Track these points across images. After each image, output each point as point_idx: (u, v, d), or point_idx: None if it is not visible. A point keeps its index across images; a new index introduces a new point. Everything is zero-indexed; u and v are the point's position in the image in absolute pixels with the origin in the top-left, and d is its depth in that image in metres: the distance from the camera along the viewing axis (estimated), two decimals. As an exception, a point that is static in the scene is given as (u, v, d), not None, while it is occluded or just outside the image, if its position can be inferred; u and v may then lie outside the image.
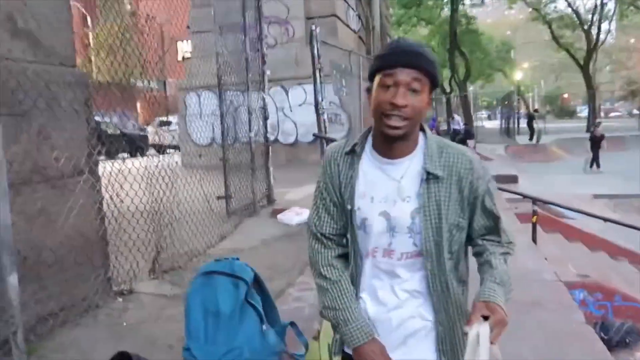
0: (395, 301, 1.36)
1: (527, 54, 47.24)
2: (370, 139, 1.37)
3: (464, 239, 1.38)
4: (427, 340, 1.37)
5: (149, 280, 3.42)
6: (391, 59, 1.26)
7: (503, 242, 1.37)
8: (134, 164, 3.64)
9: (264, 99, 6.11)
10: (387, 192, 1.32)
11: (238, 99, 5.95)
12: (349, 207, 1.36)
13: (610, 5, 32.30)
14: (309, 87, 10.20)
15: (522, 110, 36.08)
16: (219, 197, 4.84)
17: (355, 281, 1.41)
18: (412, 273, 1.35)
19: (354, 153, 1.36)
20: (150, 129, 14.54)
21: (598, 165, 16.94)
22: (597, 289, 4.72)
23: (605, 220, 6.53)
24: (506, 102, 28.86)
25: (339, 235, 1.42)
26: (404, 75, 1.23)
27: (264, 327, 1.86)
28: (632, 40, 43.48)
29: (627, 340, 4.18)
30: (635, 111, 39.58)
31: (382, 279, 1.37)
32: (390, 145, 1.31)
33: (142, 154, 13.07)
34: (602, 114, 39.70)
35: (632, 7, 30.63)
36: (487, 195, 1.34)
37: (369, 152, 1.36)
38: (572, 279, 4.76)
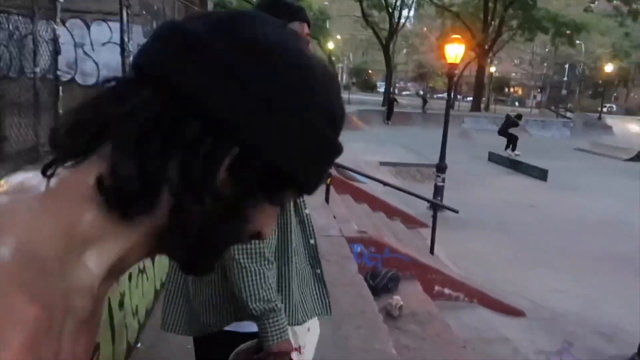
0: None
1: (340, 27, 50.18)
2: None
3: None
4: None
5: None
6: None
7: None
8: None
9: (54, 30, 5.35)
10: None
11: (27, 27, 5.10)
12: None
13: (411, -6, 36.35)
14: (115, 25, 9.27)
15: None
16: (-10, 139, 4.15)
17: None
18: None
19: None
20: None
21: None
22: (372, 243, 5.47)
23: (384, 184, 7.52)
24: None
25: None
26: None
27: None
28: (425, 29, 49.56)
29: (389, 286, 4.98)
30: (421, 92, 45.59)
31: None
32: None
33: None
34: (396, 91, 44.77)
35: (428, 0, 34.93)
36: None
37: None
38: (353, 235, 5.41)
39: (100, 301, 0.47)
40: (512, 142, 17.90)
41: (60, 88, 5.67)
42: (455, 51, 9.86)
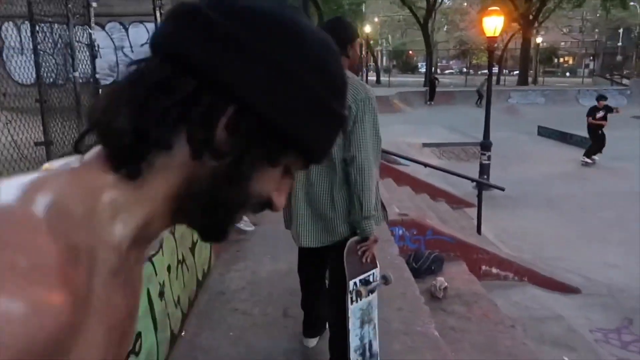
0: None
1: (376, 9, 49.38)
2: None
3: None
4: None
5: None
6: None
7: None
8: None
9: (90, 35, 5.54)
10: None
11: (66, 34, 5.31)
12: None
13: (448, -31, 35.07)
14: (152, 26, 9.49)
15: (371, 63, 38.16)
16: (37, 144, 4.35)
17: None
18: None
19: None
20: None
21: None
22: (413, 225, 5.39)
23: (426, 165, 7.37)
24: (356, 55, 29.97)
25: None
26: None
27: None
28: (465, 4, 47.96)
29: (432, 267, 4.90)
30: (464, 69, 44.29)
31: None
32: None
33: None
34: (438, 71, 43.69)
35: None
36: None
37: None
38: (394, 217, 5.35)
39: (133, 265, 0.53)
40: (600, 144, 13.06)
41: (101, 91, 5.88)
42: (493, 24, 9.47)
